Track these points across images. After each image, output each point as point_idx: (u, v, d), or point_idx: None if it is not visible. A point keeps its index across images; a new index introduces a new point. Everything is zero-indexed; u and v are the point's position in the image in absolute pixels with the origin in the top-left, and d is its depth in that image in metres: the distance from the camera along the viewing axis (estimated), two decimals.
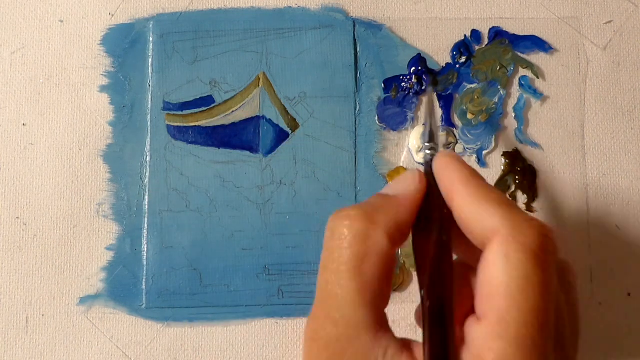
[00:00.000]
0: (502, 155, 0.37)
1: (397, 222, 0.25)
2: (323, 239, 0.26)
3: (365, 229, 0.25)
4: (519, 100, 0.37)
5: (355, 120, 0.37)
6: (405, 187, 0.27)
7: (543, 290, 0.23)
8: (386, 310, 0.25)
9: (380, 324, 0.24)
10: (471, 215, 0.25)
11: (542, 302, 0.23)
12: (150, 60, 0.37)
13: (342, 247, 0.25)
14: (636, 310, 0.36)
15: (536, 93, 0.37)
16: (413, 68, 0.37)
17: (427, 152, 0.29)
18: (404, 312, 0.35)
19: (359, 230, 0.25)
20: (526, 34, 0.37)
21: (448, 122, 0.37)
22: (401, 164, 0.36)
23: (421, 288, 0.24)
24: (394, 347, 0.24)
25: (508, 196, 0.25)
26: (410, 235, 0.26)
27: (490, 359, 0.22)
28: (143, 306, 0.35)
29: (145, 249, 0.36)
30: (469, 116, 0.37)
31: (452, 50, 0.37)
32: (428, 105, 0.33)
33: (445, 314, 0.23)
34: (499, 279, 0.23)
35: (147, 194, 0.36)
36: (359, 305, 0.24)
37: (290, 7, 0.38)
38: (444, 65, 0.37)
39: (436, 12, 0.38)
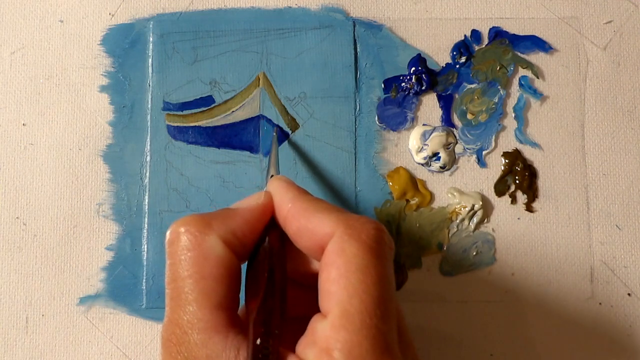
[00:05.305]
0: (502, 155, 0.37)
1: (233, 229, 0.26)
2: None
3: (200, 233, 0.26)
4: (518, 100, 0.37)
5: (355, 121, 0.37)
6: (247, 203, 0.28)
7: (381, 280, 0.24)
8: None
9: (232, 325, 0.25)
10: (305, 227, 0.26)
11: (382, 292, 0.24)
12: (150, 60, 0.37)
13: (182, 252, 0.25)
14: (636, 310, 0.36)
15: (536, 93, 0.37)
16: (413, 68, 0.37)
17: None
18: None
19: (194, 235, 0.25)
20: (526, 34, 0.37)
21: (448, 122, 0.37)
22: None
23: (250, 313, 0.25)
24: (246, 349, 0.24)
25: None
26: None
27: (337, 349, 0.23)
28: (143, 306, 0.35)
29: (145, 249, 0.36)
30: (469, 116, 0.37)
31: (452, 50, 0.37)
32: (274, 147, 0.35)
33: (272, 324, 0.24)
34: (339, 273, 0.24)
35: (147, 194, 0.36)
36: (205, 308, 0.25)
37: (290, 7, 0.38)
38: (444, 65, 0.37)
39: (436, 12, 0.38)
